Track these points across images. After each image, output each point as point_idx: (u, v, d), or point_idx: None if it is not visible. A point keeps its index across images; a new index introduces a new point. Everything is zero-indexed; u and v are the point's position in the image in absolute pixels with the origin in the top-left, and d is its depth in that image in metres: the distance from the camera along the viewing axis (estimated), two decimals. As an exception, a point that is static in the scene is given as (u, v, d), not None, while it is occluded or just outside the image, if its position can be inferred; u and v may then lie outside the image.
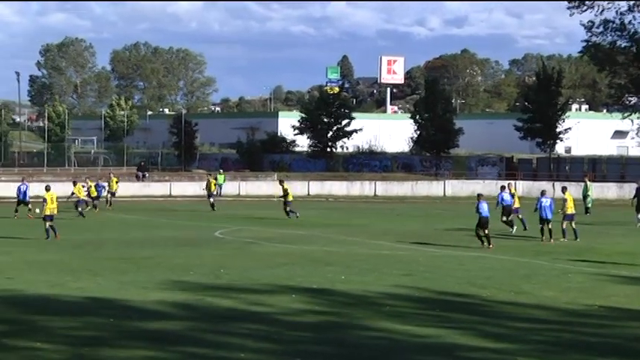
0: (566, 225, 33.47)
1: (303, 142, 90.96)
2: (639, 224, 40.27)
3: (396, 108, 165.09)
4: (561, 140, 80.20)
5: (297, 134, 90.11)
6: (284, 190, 44.39)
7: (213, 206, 49.96)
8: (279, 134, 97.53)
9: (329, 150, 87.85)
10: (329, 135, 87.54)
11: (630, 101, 77.35)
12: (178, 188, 66.78)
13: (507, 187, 38.22)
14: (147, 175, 75.44)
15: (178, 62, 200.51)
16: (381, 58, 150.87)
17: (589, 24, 71.18)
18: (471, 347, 15.25)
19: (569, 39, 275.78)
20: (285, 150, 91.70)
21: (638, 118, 73.58)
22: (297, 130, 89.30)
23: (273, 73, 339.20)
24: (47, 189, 34.32)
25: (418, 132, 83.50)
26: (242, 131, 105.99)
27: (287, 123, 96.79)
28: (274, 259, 26.98)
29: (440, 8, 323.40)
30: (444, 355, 14.74)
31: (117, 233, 36.25)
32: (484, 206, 30.92)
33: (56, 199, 33.85)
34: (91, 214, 45.13)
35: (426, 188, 70.22)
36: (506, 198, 36.47)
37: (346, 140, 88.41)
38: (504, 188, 37.46)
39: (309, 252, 29.42)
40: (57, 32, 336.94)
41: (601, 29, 71.09)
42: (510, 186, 39.80)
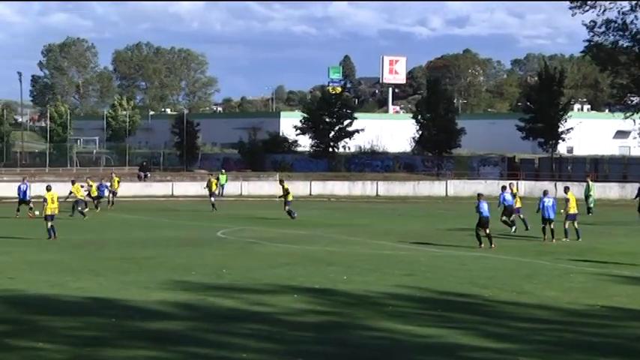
0: (568, 225, 33.46)
1: (305, 142, 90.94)
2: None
3: (398, 108, 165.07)
4: (563, 140, 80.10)
5: (299, 134, 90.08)
6: (285, 190, 44.41)
7: (213, 205, 49.97)
8: (281, 134, 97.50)
9: (331, 150, 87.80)
10: (331, 135, 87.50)
11: (632, 101, 77.38)
12: (180, 188, 66.80)
13: (508, 187, 38.19)
14: (149, 175, 75.47)
15: (180, 62, 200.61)
16: (383, 58, 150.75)
17: (591, 24, 71.23)
18: (473, 347, 15.24)
19: (571, 39, 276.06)
20: (287, 150, 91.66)
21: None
22: (299, 130, 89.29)
23: (275, 73, 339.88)
24: (48, 189, 34.33)
25: (420, 132, 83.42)
26: (244, 131, 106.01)
27: (289, 123, 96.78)
28: (276, 259, 26.97)
29: (441, 8, 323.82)
30: (446, 355, 14.73)
31: (119, 233, 36.24)
32: (484, 206, 30.90)
33: (57, 199, 33.90)
34: (92, 214, 45.14)
35: (428, 188, 70.18)
36: (507, 198, 36.45)
37: (348, 140, 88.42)
38: (505, 188, 37.40)
39: (311, 252, 29.40)
40: (59, 32, 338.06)
41: (603, 29, 71.17)
42: (512, 186, 39.80)
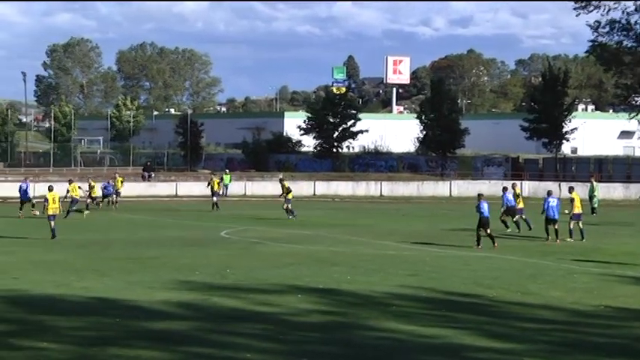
0: (573, 225, 33.45)
1: (309, 143, 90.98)
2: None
3: (402, 108, 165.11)
4: (567, 140, 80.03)
5: (302, 134, 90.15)
6: (286, 189, 44.33)
7: (215, 205, 49.78)
8: (284, 134, 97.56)
9: (335, 150, 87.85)
10: (335, 135, 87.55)
11: (637, 101, 77.20)
12: (184, 188, 66.79)
13: (510, 188, 38.18)
14: (153, 175, 75.51)
15: (184, 62, 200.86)
16: (387, 58, 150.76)
17: (595, 24, 71.14)
18: (478, 347, 15.23)
19: (575, 39, 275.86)
20: (290, 150, 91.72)
21: (644, 119, 73.50)
22: (302, 131, 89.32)
23: (278, 73, 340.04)
24: (50, 189, 34.36)
25: (424, 132, 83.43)
26: (248, 131, 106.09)
27: (293, 123, 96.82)
28: (280, 259, 26.96)
29: (445, 8, 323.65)
30: (451, 356, 14.72)
31: (123, 233, 36.25)
32: (485, 206, 30.90)
33: (58, 200, 33.92)
34: (93, 214, 45.18)
35: (432, 188, 70.12)
36: (510, 198, 36.44)
37: (352, 140, 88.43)
38: (506, 189, 37.35)
39: (315, 252, 29.40)
40: (63, 32, 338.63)
41: (607, 29, 71.06)
42: (515, 186, 39.78)
